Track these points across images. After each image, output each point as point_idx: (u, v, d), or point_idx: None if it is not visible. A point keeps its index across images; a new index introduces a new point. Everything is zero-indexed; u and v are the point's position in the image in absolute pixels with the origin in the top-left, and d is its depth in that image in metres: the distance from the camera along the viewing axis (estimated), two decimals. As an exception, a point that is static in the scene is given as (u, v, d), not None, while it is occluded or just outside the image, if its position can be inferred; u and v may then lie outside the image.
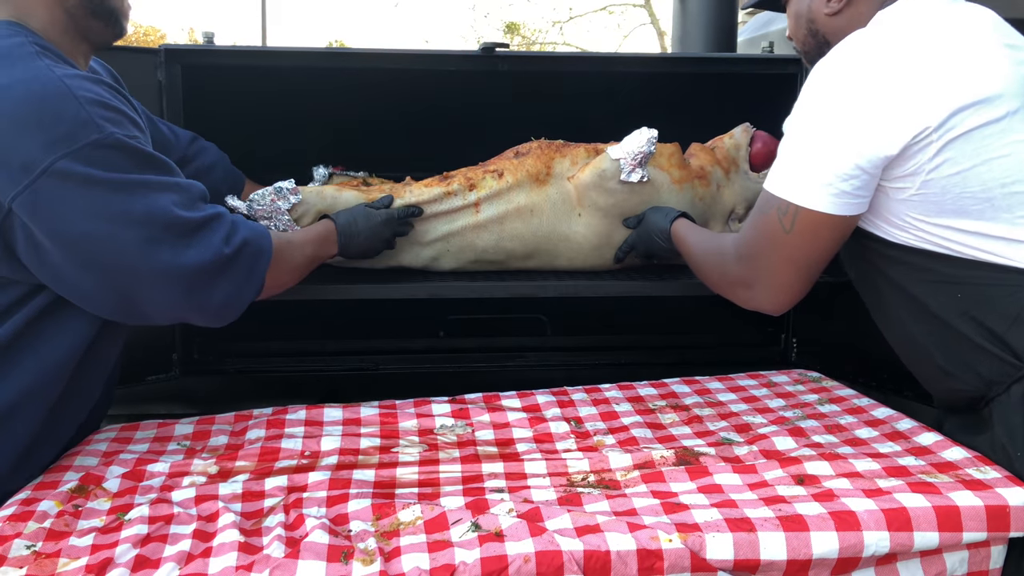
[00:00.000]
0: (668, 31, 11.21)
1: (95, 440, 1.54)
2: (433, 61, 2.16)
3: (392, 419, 1.61)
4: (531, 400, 1.70)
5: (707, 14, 2.96)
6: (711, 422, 1.59)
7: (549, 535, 1.14)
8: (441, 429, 1.57)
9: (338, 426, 1.58)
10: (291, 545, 1.15)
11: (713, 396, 1.72)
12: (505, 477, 1.37)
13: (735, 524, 1.16)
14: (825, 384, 1.79)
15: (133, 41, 19.03)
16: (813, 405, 1.65)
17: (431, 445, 1.51)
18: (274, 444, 1.50)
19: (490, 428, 1.58)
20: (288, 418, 1.62)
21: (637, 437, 1.52)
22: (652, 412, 1.64)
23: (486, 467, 1.41)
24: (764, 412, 1.62)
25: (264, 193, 1.76)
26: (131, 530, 1.21)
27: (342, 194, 1.83)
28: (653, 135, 1.77)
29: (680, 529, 1.15)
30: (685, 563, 1.12)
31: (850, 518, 1.17)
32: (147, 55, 1.91)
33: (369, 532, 1.19)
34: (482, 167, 1.89)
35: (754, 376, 1.83)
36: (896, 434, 1.49)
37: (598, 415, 1.63)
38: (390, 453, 1.47)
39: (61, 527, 1.23)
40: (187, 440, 1.56)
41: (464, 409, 1.65)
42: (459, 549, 1.12)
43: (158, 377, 1.98)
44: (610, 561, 1.10)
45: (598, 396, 1.73)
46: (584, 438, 1.53)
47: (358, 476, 1.37)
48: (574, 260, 1.93)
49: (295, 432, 1.55)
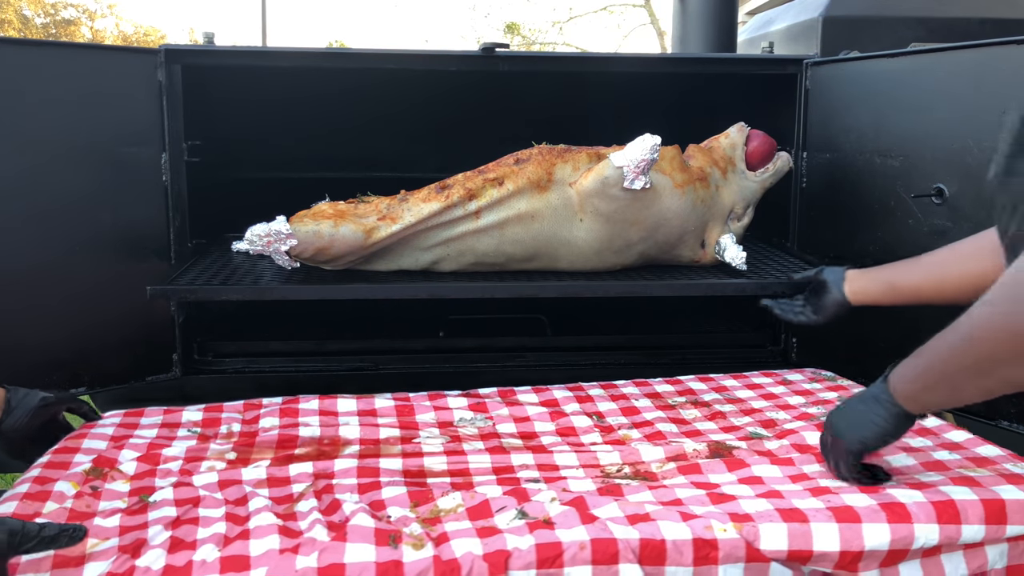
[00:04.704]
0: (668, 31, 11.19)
1: (100, 424, 1.55)
2: (433, 61, 2.16)
3: (409, 411, 1.62)
4: (548, 395, 1.70)
5: (707, 14, 2.96)
6: (735, 418, 1.58)
7: (601, 523, 1.13)
8: (461, 422, 1.58)
9: (354, 416, 1.59)
10: (334, 529, 1.14)
11: (731, 393, 1.73)
12: (537, 468, 1.36)
13: (787, 514, 1.15)
14: (841, 383, 1.78)
15: (133, 41, 19.05)
16: (835, 402, 1.64)
17: (453, 437, 1.50)
18: (291, 432, 1.51)
19: (511, 421, 1.58)
20: (301, 407, 1.62)
21: (664, 431, 1.52)
22: (673, 408, 1.64)
23: (515, 458, 1.40)
24: (786, 409, 1.63)
25: (259, 234, 1.72)
26: (159, 512, 1.22)
27: (339, 230, 1.76)
28: (656, 142, 1.75)
29: (733, 519, 1.14)
30: (740, 553, 1.11)
31: (900, 510, 1.15)
32: (147, 55, 1.90)
33: (410, 518, 1.19)
34: (481, 174, 1.84)
35: (768, 374, 1.83)
36: (925, 430, 1.48)
37: (619, 410, 1.63)
38: (412, 444, 1.47)
39: (83, 508, 1.23)
40: (197, 427, 1.56)
41: (481, 403, 1.65)
42: (510, 535, 1.11)
43: (158, 377, 1.98)
44: (665, 550, 1.09)
45: (615, 392, 1.73)
46: (608, 432, 1.52)
47: (385, 465, 1.37)
48: (575, 263, 1.93)
49: (310, 421, 1.56)
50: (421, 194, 1.84)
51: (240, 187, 2.39)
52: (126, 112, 1.87)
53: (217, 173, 2.24)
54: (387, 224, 1.80)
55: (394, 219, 1.81)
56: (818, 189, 2.10)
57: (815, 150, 2.09)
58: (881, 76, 1.91)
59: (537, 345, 2.23)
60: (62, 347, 1.83)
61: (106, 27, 20.44)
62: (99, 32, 20.09)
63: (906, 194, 1.84)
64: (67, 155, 1.80)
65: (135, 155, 1.89)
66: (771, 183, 2.03)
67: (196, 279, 1.85)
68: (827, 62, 2.06)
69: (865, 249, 1.96)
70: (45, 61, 1.77)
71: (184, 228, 2.00)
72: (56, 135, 1.78)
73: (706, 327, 2.42)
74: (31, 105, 1.75)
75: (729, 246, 1.97)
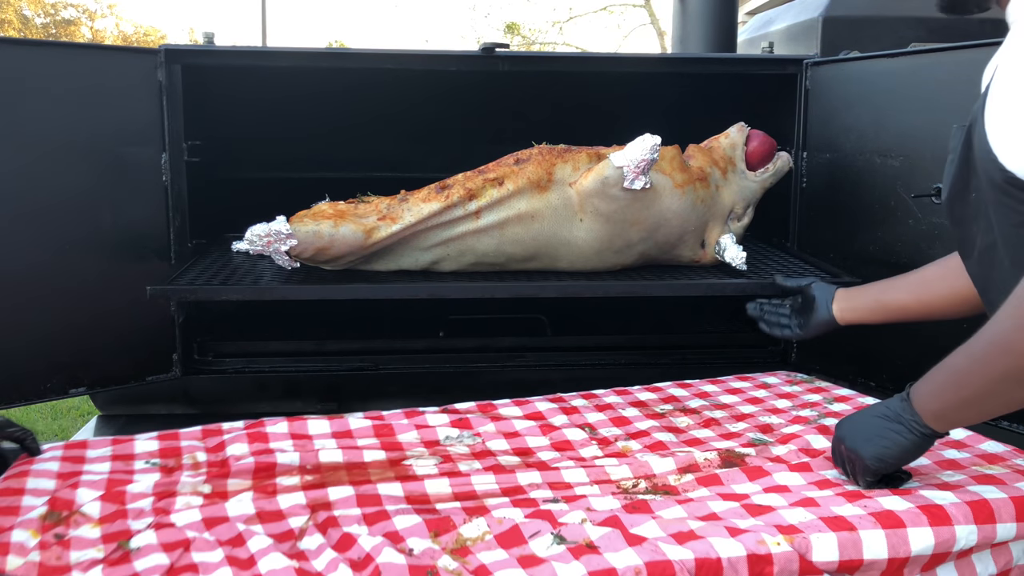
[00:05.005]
0: (668, 31, 11.19)
1: (40, 460, 1.37)
2: (433, 61, 2.16)
3: (387, 431, 1.51)
4: (531, 408, 1.62)
5: (707, 14, 2.97)
6: (729, 424, 1.55)
7: (651, 544, 1.07)
8: (447, 440, 1.48)
9: (330, 439, 1.47)
10: (359, 568, 1.06)
11: (715, 398, 1.70)
12: (549, 487, 1.28)
13: (833, 523, 1.12)
14: (819, 384, 1.77)
15: (133, 41, 19.04)
16: (822, 404, 1.63)
17: (444, 457, 1.41)
18: (268, 459, 1.37)
19: (501, 437, 1.49)
20: (270, 431, 1.49)
21: (664, 441, 1.46)
22: (663, 416, 1.59)
23: (521, 477, 1.31)
24: (777, 412, 1.60)
25: (259, 234, 1.72)
26: (147, 560, 1.10)
27: (339, 230, 1.76)
28: (656, 142, 1.75)
29: (782, 531, 1.09)
30: (794, 566, 1.07)
31: (940, 512, 1.13)
32: (147, 55, 1.90)
33: (436, 550, 1.10)
34: (481, 175, 1.84)
35: (745, 378, 1.80)
36: None
37: (609, 421, 1.57)
38: (402, 466, 1.37)
39: (53, 561, 1.10)
40: (155, 457, 1.41)
41: (463, 419, 1.56)
42: (557, 564, 1.04)
43: (158, 377, 1.98)
44: (722, 568, 1.05)
45: (599, 402, 1.67)
46: (606, 444, 1.46)
47: (385, 491, 1.27)
48: (575, 263, 1.93)
49: (284, 446, 1.43)
50: (421, 194, 1.84)
51: (240, 187, 2.39)
52: (126, 112, 1.87)
53: (217, 173, 2.24)
54: (387, 224, 1.80)
55: (394, 219, 1.81)
56: (818, 189, 2.10)
57: (815, 150, 2.09)
58: (881, 76, 1.91)
59: (537, 345, 2.23)
60: (61, 347, 1.83)
61: (106, 27, 20.46)
62: (99, 32, 20.09)
63: (906, 194, 1.84)
64: (67, 155, 1.80)
65: (135, 155, 1.89)
66: (771, 183, 2.03)
67: (196, 279, 1.85)
68: (827, 62, 2.06)
69: (865, 249, 1.96)
70: (45, 61, 1.77)
71: (184, 228, 1.99)
72: (56, 135, 1.78)
73: (706, 327, 2.42)
74: (31, 105, 1.75)
75: (729, 246, 1.97)
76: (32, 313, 1.78)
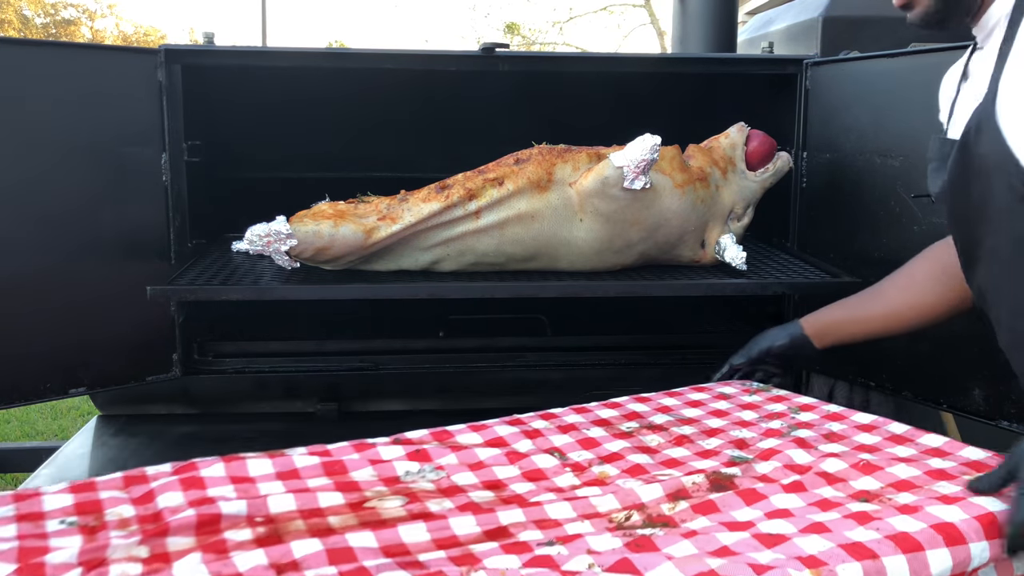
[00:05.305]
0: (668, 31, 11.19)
1: None
2: (433, 61, 2.16)
3: (339, 468, 1.33)
4: (490, 433, 1.48)
5: (707, 14, 2.96)
6: (701, 440, 1.47)
7: None
8: (408, 476, 1.32)
9: (275, 481, 1.28)
10: None
11: (678, 413, 1.60)
12: (537, 526, 1.17)
13: (853, 551, 1.06)
14: (778, 392, 1.68)
15: (133, 41, 19.04)
16: (788, 415, 1.56)
17: (410, 496, 1.25)
18: (210, 510, 1.16)
19: (466, 470, 1.35)
20: (204, 474, 1.27)
21: (641, 464, 1.37)
22: (630, 435, 1.49)
23: (503, 516, 1.18)
24: (745, 425, 1.52)
25: (259, 234, 1.72)
26: None
27: (339, 230, 1.76)
28: (656, 142, 1.75)
29: (806, 564, 1.03)
30: None
31: (954, 532, 1.08)
32: (147, 55, 1.90)
33: None
34: (481, 175, 1.84)
35: (701, 389, 1.71)
36: (899, 438, 1.44)
37: (576, 444, 1.45)
38: (365, 510, 1.20)
39: None
40: (71, 515, 1.18)
41: (420, 451, 1.39)
42: None
43: (158, 377, 1.98)
44: None
45: (560, 422, 1.54)
46: (581, 471, 1.35)
47: (356, 542, 1.11)
48: (575, 263, 1.93)
49: (224, 492, 1.23)
50: (421, 194, 1.84)
51: (240, 187, 2.39)
52: (126, 112, 1.87)
53: (217, 173, 2.24)
54: (387, 224, 1.80)
55: (394, 219, 1.81)
56: (818, 189, 2.10)
57: (815, 150, 2.09)
58: (881, 76, 1.91)
59: (537, 345, 2.23)
60: (61, 348, 1.83)
61: (106, 27, 20.48)
62: (99, 32, 20.10)
63: (906, 194, 1.84)
64: (66, 155, 1.80)
65: (135, 155, 1.89)
66: (771, 183, 2.03)
67: (196, 279, 1.85)
68: (827, 62, 2.06)
69: (865, 249, 1.96)
70: (45, 61, 1.77)
71: (184, 228, 2.00)
72: (56, 135, 1.78)
73: (706, 327, 2.42)
74: (31, 105, 1.75)
75: (729, 246, 1.97)
76: (32, 313, 1.78)
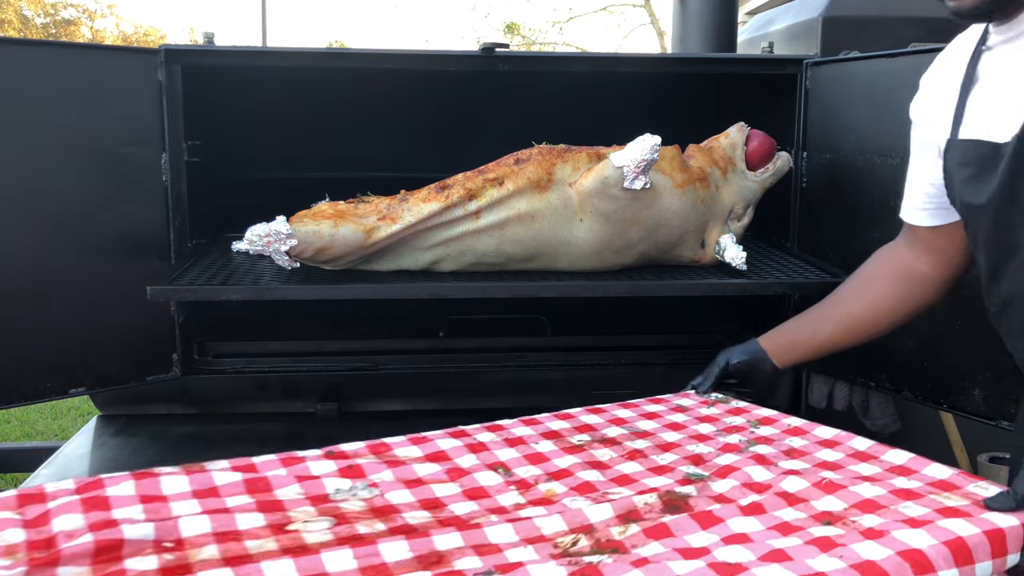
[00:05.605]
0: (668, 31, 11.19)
1: None
2: (433, 61, 2.16)
3: (263, 485, 1.22)
4: (431, 446, 1.39)
5: (707, 14, 2.97)
6: (655, 455, 1.39)
7: None
8: (338, 494, 1.22)
9: (190, 499, 1.16)
10: None
11: (632, 425, 1.53)
12: (475, 552, 1.06)
13: None
14: (737, 404, 1.63)
15: (133, 41, 19.05)
16: (748, 428, 1.50)
17: (338, 518, 1.14)
18: (110, 535, 1.03)
19: (402, 487, 1.24)
20: (111, 493, 1.14)
21: (591, 482, 1.28)
22: (581, 449, 1.41)
23: (439, 541, 1.07)
24: (703, 440, 1.46)
25: (259, 234, 1.72)
26: None
27: (339, 230, 1.76)
28: (656, 142, 1.75)
29: None
30: None
31: (922, 559, 1.02)
32: (147, 55, 1.90)
33: None
34: (481, 175, 1.84)
35: (657, 400, 1.66)
36: (862, 455, 1.37)
37: (523, 459, 1.36)
38: (287, 533, 1.09)
39: None
40: None
41: (354, 466, 1.29)
42: None
43: (158, 377, 1.98)
44: None
45: (507, 435, 1.46)
46: (526, 488, 1.26)
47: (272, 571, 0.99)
48: (575, 263, 1.93)
49: (131, 514, 1.10)
50: (421, 194, 1.84)
51: (240, 187, 2.39)
52: (126, 112, 1.87)
53: (217, 173, 2.24)
54: (387, 224, 1.80)
55: (394, 219, 1.81)
56: (818, 189, 2.10)
57: (815, 150, 2.09)
58: (881, 76, 1.91)
59: (537, 345, 2.23)
60: (61, 348, 1.83)
61: (106, 27, 20.48)
62: (99, 32, 20.10)
63: (906, 194, 1.84)
64: (66, 155, 1.80)
65: (135, 155, 1.89)
66: (771, 183, 2.03)
67: (196, 279, 1.85)
68: (827, 62, 2.06)
69: (865, 249, 1.95)
70: (45, 61, 1.77)
71: (184, 228, 2.00)
72: (56, 135, 1.78)
73: (706, 327, 2.42)
74: (31, 105, 1.75)
75: (729, 246, 1.97)
76: (32, 313, 1.78)
